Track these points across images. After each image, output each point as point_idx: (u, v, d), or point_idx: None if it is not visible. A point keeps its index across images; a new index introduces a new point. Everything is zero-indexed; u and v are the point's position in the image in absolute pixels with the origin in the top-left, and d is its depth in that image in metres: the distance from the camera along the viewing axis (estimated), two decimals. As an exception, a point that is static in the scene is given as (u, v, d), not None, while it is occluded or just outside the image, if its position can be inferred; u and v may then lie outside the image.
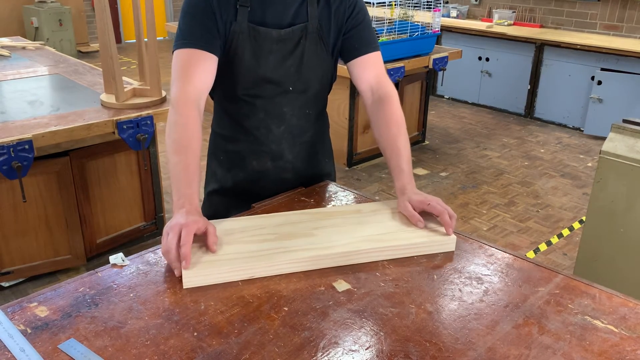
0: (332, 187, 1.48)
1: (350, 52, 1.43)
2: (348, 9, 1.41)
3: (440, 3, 4.35)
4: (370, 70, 1.43)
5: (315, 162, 1.54)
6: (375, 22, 3.91)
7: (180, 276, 1.04)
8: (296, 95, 1.41)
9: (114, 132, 2.44)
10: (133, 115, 2.48)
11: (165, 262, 1.10)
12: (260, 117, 1.42)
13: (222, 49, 1.33)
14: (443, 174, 4.21)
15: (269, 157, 1.45)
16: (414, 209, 1.22)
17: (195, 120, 1.24)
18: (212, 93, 1.43)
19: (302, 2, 1.37)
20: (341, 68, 1.48)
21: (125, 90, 2.63)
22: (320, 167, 1.56)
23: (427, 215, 1.23)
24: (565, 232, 3.39)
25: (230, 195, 1.51)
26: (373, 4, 4.08)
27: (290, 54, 1.37)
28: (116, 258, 1.10)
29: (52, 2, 7.25)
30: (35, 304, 0.97)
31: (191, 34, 1.29)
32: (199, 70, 1.28)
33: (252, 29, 1.33)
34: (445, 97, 6.28)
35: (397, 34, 4.07)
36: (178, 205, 1.11)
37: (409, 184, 1.29)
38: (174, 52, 1.31)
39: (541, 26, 5.78)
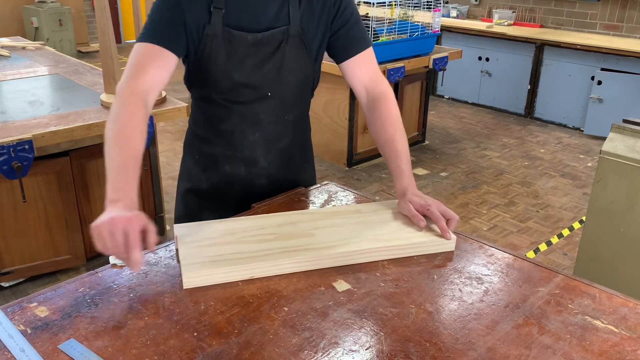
0: (332, 187, 1.48)
1: (340, 54, 1.39)
2: (333, 9, 1.35)
3: (440, 3, 4.35)
4: (363, 70, 1.40)
5: (292, 168, 1.49)
6: (375, 22, 3.91)
7: (138, 270, 1.00)
8: (275, 100, 1.36)
9: (114, 132, 2.44)
10: (133, 115, 2.47)
11: (165, 262, 1.10)
12: (235, 122, 1.37)
13: (194, 50, 1.28)
14: (443, 174, 4.21)
15: (243, 163, 1.41)
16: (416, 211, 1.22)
17: (139, 113, 1.17)
18: (190, 90, 1.40)
19: (282, 3, 1.30)
20: (337, 67, 1.46)
21: (125, 90, 2.63)
22: (297, 173, 1.51)
23: (429, 217, 1.23)
24: (565, 232, 3.39)
25: (204, 196, 1.47)
26: (373, 4, 4.07)
27: (269, 58, 1.31)
28: (116, 258, 1.10)
29: (52, 2, 7.25)
30: (35, 304, 0.97)
31: (154, 29, 1.24)
32: (153, 66, 1.22)
33: (226, 33, 1.27)
34: (445, 97, 6.28)
35: (397, 34, 4.07)
36: (113, 199, 1.02)
37: (410, 185, 1.28)
38: (134, 45, 1.25)
39: (541, 26, 5.78)
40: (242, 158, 1.40)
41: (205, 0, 1.26)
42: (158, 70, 1.23)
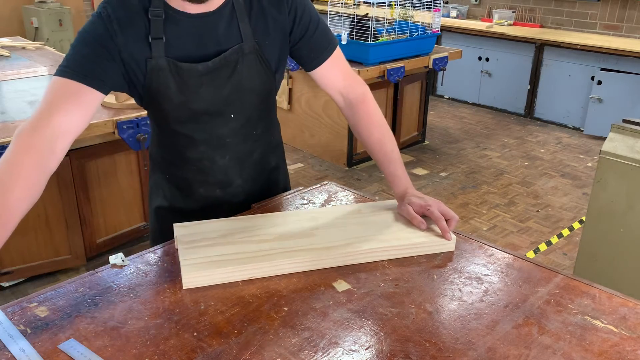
0: (332, 187, 1.48)
1: (307, 63, 1.31)
2: (289, 18, 1.24)
3: (440, 3, 4.35)
4: (334, 74, 1.32)
5: (267, 174, 1.43)
6: (375, 22, 3.91)
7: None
8: (239, 121, 1.27)
9: (114, 132, 2.45)
10: (133, 115, 2.48)
11: (165, 262, 1.10)
12: (202, 150, 1.28)
13: (140, 85, 1.17)
14: (443, 174, 4.21)
15: (217, 185, 1.34)
16: (415, 212, 1.22)
17: (30, 164, 0.99)
18: (147, 116, 1.27)
19: (229, 21, 1.18)
20: None
21: (125, 90, 2.63)
22: (273, 177, 1.45)
23: (428, 217, 1.23)
24: (565, 232, 3.39)
25: (180, 214, 1.35)
26: (373, 4, 4.07)
27: (226, 82, 1.20)
28: (116, 258, 1.10)
29: (52, 2, 7.25)
30: (35, 304, 0.97)
31: (75, 62, 1.08)
32: (70, 107, 1.05)
33: (172, 64, 1.15)
34: (445, 97, 6.28)
35: (397, 34, 4.07)
36: None
37: (407, 186, 1.28)
38: (52, 78, 1.09)
39: (541, 26, 5.78)
40: (216, 182, 1.33)
41: (142, 31, 1.13)
42: (75, 112, 1.06)
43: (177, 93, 1.18)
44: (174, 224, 1.19)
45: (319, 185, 1.50)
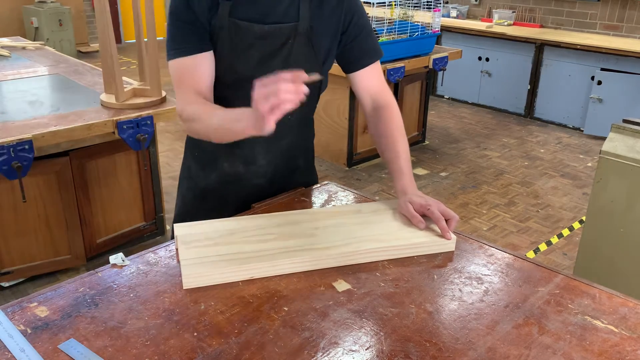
0: (332, 187, 1.48)
1: (352, 64, 1.39)
2: (347, 16, 1.33)
3: (440, 3, 4.35)
4: (372, 80, 1.41)
5: (292, 170, 1.48)
6: (375, 22, 3.91)
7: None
8: None
9: (114, 132, 2.45)
10: (133, 115, 2.48)
11: (165, 262, 1.10)
12: None
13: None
14: (443, 174, 4.21)
15: (241, 160, 1.40)
16: (416, 211, 1.22)
17: (198, 102, 1.25)
18: None
19: (293, 0, 1.28)
20: (338, 67, 1.44)
21: (125, 90, 2.63)
22: (296, 177, 1.50)
23: (428, 217, 1.23)
24: (565, 232, 3.39)
25: (202, 195, 1.47)
26: (373, 4, 4.07)
27: (275, 53, 1.29)
28: (116, 258, 1.10)
29: (52, 2, 7.25)
30: (35, 304, 0.97)
31: (175, 41, 1.26)
32: (192, 78, 1.26)
33: (232, 24, 1.26)
34: (445, 97, 6.28)
35: (397, 34, 4.07)
36: (245, 117, 1.09)
37: (410, 185, 1.28)
38: (168, 63, 1.29)
39: (541, 26, 5.78)
40: (241, 155, 1.39)
41: None
42: (199, 78, 1.26)
43: (228, 52, 1.28)
44: (174, 224, 1.19)
45: (319, 185, 1.50)
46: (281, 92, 1.00)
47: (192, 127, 1.25)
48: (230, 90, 1.32)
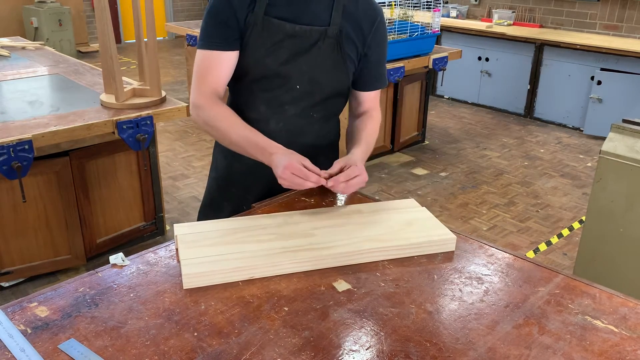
0: (332, 187, 1.48)
1: (358, 84, 1.48)
2: (374, 40, 1.41)
3: (440, 3, 4.35)
4: (368, 102, 1.51)
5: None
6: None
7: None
8: (302, 95, 1.41)
9: (113, 132, 2.44)
10: (133, 115, 2.48)
11: (165, 262, 1.10)
12: (261, 110, 1.43)
13: (242, 41, 1.37)
14: (443, 174, 4.21)
15: None
16: (334, 169, 1.30)
17: (218, 104, 1.36)
18: None
19: (327, 4, 1.36)
20: None
21: (125, 90, 2.63)
22: None
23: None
24: (565, 232, 3.39)
25: (226, 185, 1.54)
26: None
27: (304, 53, 1.36)
28: (116, 258, 1.10)
29: (52, 2, 7.25)
30: (35, 304, 0.97)
31: (208, 35, 1.35)
32: (214, 72, 1.35)
33: (266, 21, 1.33)
34: (445, 97, 6.28)
35: (397, 34, 4.07)
36: (272, 152, 1.28)
37: (355, 153, 1.37)
38: (197, 51, 1.39)
39: (541, 26, 5.78)
40: None
41: None
42: (218, 74, 1.36)
43: (260, 47, 1.35)
44: (174, 224, 1.20)
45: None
46: (303, 186, 1.22)
47: (203, 127, 1.38)
48: (257, 85, 1.40)
